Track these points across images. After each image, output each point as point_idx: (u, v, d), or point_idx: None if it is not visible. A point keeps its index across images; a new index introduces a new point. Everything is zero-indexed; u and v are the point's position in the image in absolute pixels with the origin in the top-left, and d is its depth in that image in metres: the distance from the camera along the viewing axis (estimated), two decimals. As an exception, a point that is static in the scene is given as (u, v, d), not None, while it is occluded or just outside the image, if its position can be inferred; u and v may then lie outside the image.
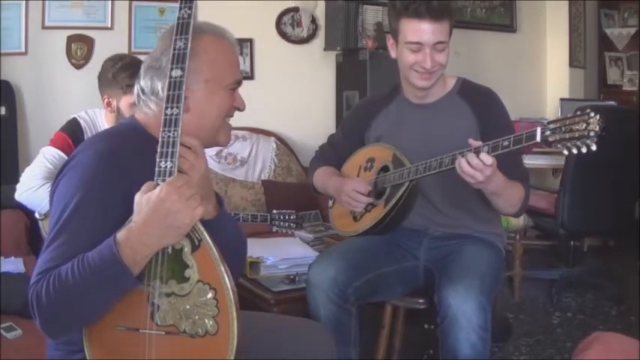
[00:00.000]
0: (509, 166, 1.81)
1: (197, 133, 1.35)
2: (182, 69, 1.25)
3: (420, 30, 1.88)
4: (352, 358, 1.93)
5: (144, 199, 1.18)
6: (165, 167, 1.21)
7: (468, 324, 1.69)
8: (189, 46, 1.26)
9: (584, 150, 1.47)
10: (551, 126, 1.53)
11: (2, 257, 2.36)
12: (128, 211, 1.20)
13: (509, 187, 1.82)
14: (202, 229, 1.22)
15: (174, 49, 1.26)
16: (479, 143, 1.68)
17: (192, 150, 1.29)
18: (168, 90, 1.25)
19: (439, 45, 1.91)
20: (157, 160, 1.22)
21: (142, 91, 1.36)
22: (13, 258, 2.39)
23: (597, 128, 1.45)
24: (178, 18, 1.28)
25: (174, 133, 1.22)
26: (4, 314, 1.87)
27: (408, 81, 2.01)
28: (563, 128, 1.50)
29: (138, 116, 1.40)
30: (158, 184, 1.19)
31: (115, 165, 1.28)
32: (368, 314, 2.08)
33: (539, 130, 1.56)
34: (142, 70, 1.38)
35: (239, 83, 1.42)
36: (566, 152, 1.51)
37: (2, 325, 1.83)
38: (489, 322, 1.73)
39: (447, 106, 2.04)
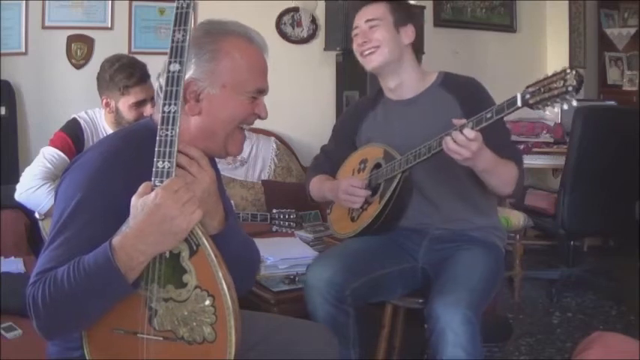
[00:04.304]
0: (499, 145, 1.83)
1: (208, 139, 1.32)
2: (180, 63, 1.18)
3: (355, 17, 2.09)
4: (352, 359, 1.93)
5: (139, 204, 1.15)
6: (163, 168, 1.16)
7: (455, 337, 1.67)
8: (188, 38, 1.19)
9: (565, 106, 1.51)
10: (531, 89, 1.57)
11: (2, 257, 2.36)
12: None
13: (500, 164, 1.84)
14: (200, 233, 1.18)
15: (173, 42, 1.19)
16: (462, 121, 1.71)
17: (195, 161, 1.24)
18: (166, 85, 1.18)
19: (370, 22, 2.03)
20: (155, 160, 1.17)
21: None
22: (13, 258, 2.38)
23: (575, 82, 1.47)
24: (177, 8, 1.20)
25: (171, 132, 1.17)
26: (4, 314, 1.86)
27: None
28: (542, 89, 1.54)
29: (155, 116, 1.35)
30: (156, 185, 1.16)
31: (118, 166, 1.25)
32: (368, 314, 2.08)
33: (519, 95, 1.60)
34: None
35: (262, 92, 1.36)
36: (548, 113, 1.55)
37: (2, 325, 1.82)
38: (477, 334, 1.71)
39: (430, 99, 2.06)
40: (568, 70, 1.49)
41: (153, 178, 1.17)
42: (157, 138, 1.18)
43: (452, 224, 2.04)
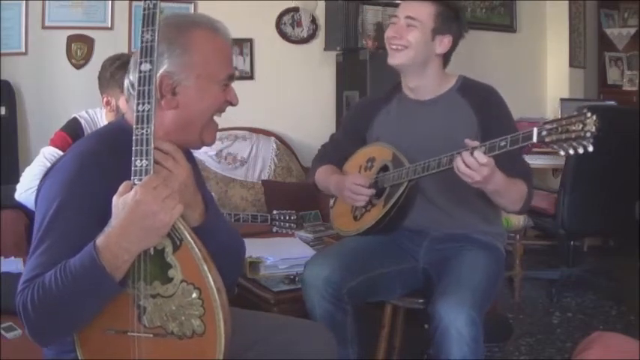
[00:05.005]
0: (509, 163, 1.81)
1: (183, 131, 1.34)
2: (151, 62, 1.21)
3: (400, 6, 2.05)
4: (350, 358, 1.93)
5: (120, 202, 1.16)
6: (142, 166, 1.18)
7: (460, 337, 1.68)
8: (156, 37, 1.21)
9: (580, 150, 1.47)
10: (548, 126, 1.54)
11: (2, 257, 2.35)
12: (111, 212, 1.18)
13: (510, 184, 1.82)
14: (183, 228, 1.19)
15: (142, 42, 1.21)
16: (475, 143, 1.69)
17: (169, 156, 1.25)
18: (139, 85, 1.21)
19: (408, 20, 1.98)
20: (133, 159, 1.19)
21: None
22: (13, 258, 2.38)
23: (594, 129, 1.45)
24: (144, 9, 1.22)
25: (147, 130, 1.19)
26: (4, 314, 1.86)
27: None
28: (560, 129, 1.51)
29: (127, 115, 1.37)
30: (135, 184, 1.17)
31: (94, 168, 1.26)
32: (368, 314, 2.08)
33: (535, 131, 1.56)
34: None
35: (232, 78, 1.39)
36: (562, 153, 1.51)
37: (2, 325, 1.82)
38: (480, 335, 1.71)
39: (447, 103, 2.04)
40: (589, 115, 1.46)
41: (132, 177, 1.19)
42: (134, 137, 1.19)
43: (455, 229, 2.03)
